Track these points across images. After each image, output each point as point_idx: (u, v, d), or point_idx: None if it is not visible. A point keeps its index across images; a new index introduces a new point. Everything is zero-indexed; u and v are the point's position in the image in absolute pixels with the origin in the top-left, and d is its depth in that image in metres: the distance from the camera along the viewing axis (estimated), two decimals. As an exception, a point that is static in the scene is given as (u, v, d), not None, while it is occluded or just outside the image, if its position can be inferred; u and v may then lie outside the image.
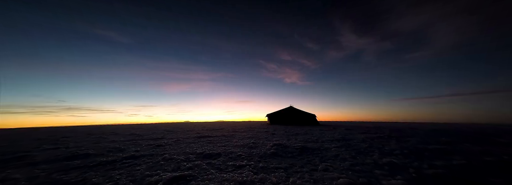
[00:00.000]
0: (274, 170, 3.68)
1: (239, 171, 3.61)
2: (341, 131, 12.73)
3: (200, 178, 3.30)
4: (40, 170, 3.96)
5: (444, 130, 14.11)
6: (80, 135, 13.20)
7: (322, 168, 3.75)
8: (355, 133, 11.12)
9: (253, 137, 9.20)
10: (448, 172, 3.44)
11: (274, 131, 13.56)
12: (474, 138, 8.79)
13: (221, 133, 11.95)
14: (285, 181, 3.11)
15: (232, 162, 4.33)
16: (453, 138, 8.55)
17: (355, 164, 4.03)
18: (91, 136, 11.92)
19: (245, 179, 3.18)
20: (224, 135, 10.54)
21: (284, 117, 29.50)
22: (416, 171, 3.53)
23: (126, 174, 3.56)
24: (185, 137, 9.75)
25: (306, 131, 12.91)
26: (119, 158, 4.88)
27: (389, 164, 4.04)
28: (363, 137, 8.87)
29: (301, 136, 9.72)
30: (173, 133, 12.69)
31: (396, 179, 3.14)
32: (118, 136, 11.15)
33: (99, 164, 4.32)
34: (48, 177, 3.48)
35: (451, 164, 4.00)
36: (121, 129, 20.05)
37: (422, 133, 11.23)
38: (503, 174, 3.42)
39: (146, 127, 26.45)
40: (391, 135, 10.11)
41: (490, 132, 12.20)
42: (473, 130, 14.38)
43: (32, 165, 4.42)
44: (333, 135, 10.10)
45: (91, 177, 3.38)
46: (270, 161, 4.39)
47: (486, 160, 4.34)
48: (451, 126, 22.46)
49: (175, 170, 3.76)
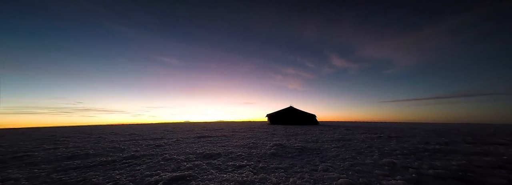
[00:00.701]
0: (274, 170, 3.68)
1: (239, 171, 3.61)
2: (341, 131, 12.73)
3: (200, 178, 3.29)
4: (40, 170, 3.96)
5: (442, 131, 14.10)
6: (80, 135, 13.19)
7: (322, 168, 3.75)
8: (355, 133, 11.12)
9: (253, 137, 9.19)
10: (448, 172, 3.44)
11: (274, 131, 13.56)
12: (473, 138, 8.79)
13: (221, 133, 11.95)
14: (285, 181, 3.11)
15: (232, 162, 4.33)
16: (452, 138, 8.55)
17: (355, 164, 4.03)
18: (91, 136, 11.92)
19: (245, 179, 3.17)
20: (224, 135, 10.54)
21: (284, 117, 29.50)
22: (416, 171, 3.53)
23: (126, 174, 3.56)
24: (185, 137, 9.75)
25: (306, 131, 12.91)
26: (119, 158, 4.88)
27: (389, 164, 4.04)
28: (363, 137, 8.87)
29: (301, 136, 9.72)
30: (173, 133, 12.69)
31: (396, 179, 3.14)
32: (118, 136, 11.15)
33: (99, 164, 4.32)
34: (48, 177, 3.48)
35: (451, 164, 3.99)
36: (121, 129, 20.05)
37: (423, 134, 11.23)
38: (503, 174, 3.42)
39: (146, 127, 26.43)
40: (391, 135, 10.11)
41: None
42: (468, 131, 14.38)
43: (32, 165, 4.42)
44: (333, 135, 10.10)
45: (91, 177, 3.38)
46: (270, 161, 4.39)
47: (486, 160, 4.34)
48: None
49: (175, 170, 3.76)
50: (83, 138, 10.60)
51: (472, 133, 11.98)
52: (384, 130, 14.13)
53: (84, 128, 28.14)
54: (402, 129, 16.51)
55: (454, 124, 39.89)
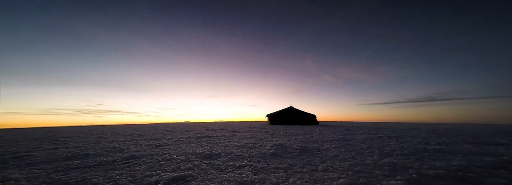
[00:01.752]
0: (274, 170, 3.67)
1: (239, 171, 3.61)
2: (341, 131, 12.72)
3: (200, 178, 3.29)
4: (40, 170, 3.96)
5: (442, 131, 14.09)
6: (80, 135, 13.18)
7: (322, 169, 3.74)
8: (355, 133, 11.11)
9: (253, 138, 9.19)
10: (448, 173, 3.44)
11: (274, 131, 13.55)
12: (473, 138, 8.78)
13: (221, 133, 11.94)
14: (285, 181, 3.11)
15: (232, 162, 4.33)
16: (452, 138, 8.55)
17: (355, 165, 4.03)
18: (91, 136, 11.91)
19: (245, 179, 3.17)
20: (224, 135, 10.53)
21: (284, 117, 29.48)
22: (416, 172, 3.53)
23: (126, 174, 3.56)
24: (185, 137, 9.75)
25: (306, 131, 12.90)
26: (119, 158, 4.88)
27: (389, 165, 4.04)
28: (363, 138, 8.87)
29: (301, 136, 9.71)
30: (173, 133, 12.68)
31: (396, 179, 3.14)
32: (118, 136, 11.14)
33: (99, 164, 4.32)
34: (48, 177, 3.48)
35: (451, 165, 3.99)
36: (121, 129, 20.04)
37: (423, 134, 11.22)
38: (503, 174, 3.42)
39: (146, 127, 26.41)
40: (391, 135, 10.11)
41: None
42: (471, 131, 14.37)
43: (32, 165, 4.42)
44: (333, 135, 10.09)
45: (91, 177, 3.38)
46: (270, 161, 4.39)
47: (486, 160, 4.33)
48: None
49: (175, 170, 3.75)
50: (83, 138, 10.60)
51: (472, 133, 11.98)
52: (384, 130, 14.12)
53: (84, 128, 28.13)
54: (402, 129, 16.50)
55: (453, 124, 39.86)
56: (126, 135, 11.75)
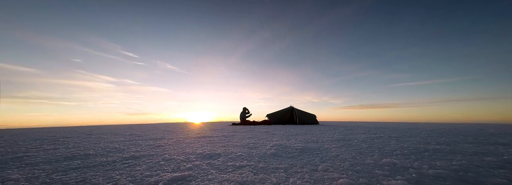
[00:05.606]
0: (274, 171, 3.67)
1: (239, 172, 3.61)
2: (341, 131, 12.72)
3: (200, 178, 3.29)
4: (40, 170, 3.96)
5: (442, 131, 14.08)
6: (80, 135, 13.18)
7: (322, 169, 3.74)
8: (355, 133, 11.11)
9: (253, 137, 9.19)
10: (448, 172, 3.44)
11: (274, 131, 13.56)
12: (474, 137, 8.78)
13: (221, 133, 11.95)
14: (285, 181, 3.11)
15: (232, 162, 4.33)
16: (452, 138, 8.54)
17: (355, 164, 4.03)
18: (91, 136, 11.91)
19: (245, 179, 3.17)
20: (224, 135, 10.53)
21: (285, 117, 29.49)
22: (417, 171, 3.53)
23: (126, 174, 3.56)
24: (185, 137, 9.75)
25: (306, 131, 12.90)
26: (119, 158, 4.88)
27: (389, 164, 4.04)
28: (363, 137, 8.87)
29: (301, 136, 9.72)
30: (173, 133, 12.68)
31: (396, 179, 3.13)
32: (118, 136, 11.14)
33: (99, 165, 4.32)
34: (48, 177, 3.48)
35: (451, 164, 3.99)
36: (121, 129, 20.03)
37: (423, 134, 11.22)
38: (503, 174, 3.42)
39: (146, 127, 26.40)
40: (391, 135, 10.11)
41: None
42: (473, 130, 14.37)
43: (32, 165, 4.42)
44: (333, 135, 10.09)
45: (91, 178, 3.38)
46: (270, 162, 4.38)
47: (486, 160, 4.33)
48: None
49: (175, 170, 3.75)
50: (83, 138, 10.59)
51: (473, 133, 11.98)
52: (384, 130, 14.11)
53: (84, 128, 28.10)
54: (402, 129, 16.49)
55: (454, 124, 39.84)
56: (126, 135, 11.74)
